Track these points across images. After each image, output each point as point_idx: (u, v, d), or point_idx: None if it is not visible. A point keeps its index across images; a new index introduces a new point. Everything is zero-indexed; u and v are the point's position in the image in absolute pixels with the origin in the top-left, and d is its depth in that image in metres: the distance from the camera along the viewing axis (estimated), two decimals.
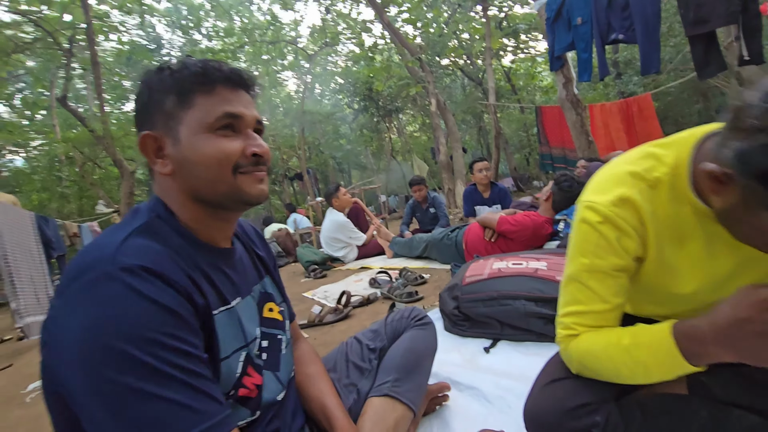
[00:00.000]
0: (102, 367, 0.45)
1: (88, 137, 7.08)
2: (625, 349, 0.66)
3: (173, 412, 0.46)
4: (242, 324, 0.66)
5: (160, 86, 0.61)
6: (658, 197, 0.68)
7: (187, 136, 0.60)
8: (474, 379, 1.26)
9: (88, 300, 0.47)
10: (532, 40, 12.32)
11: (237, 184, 0.62)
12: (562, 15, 4.10)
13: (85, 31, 6.51)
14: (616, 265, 0.70)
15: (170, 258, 0.55)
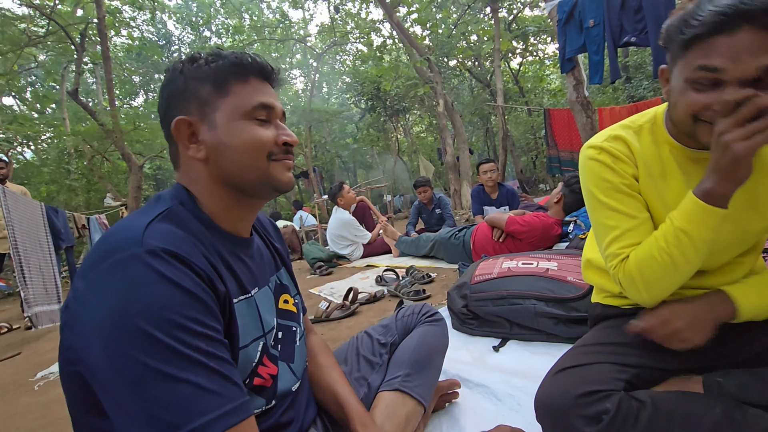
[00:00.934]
0: (126, 348, 0.46)
1: (98, 131, 7.14)
2: (665, 232, 0.74)
3: (194, 395, 0.46)
4: (260, 313, 0.67)
5: (195, 74, 0.63)
6: (643, 139, 0.84)
7: (224, 121, 0.62)
8: (483, 377, 1.26)
9: (114, 281, 0.48)
10: (541, 42, 12.27)
11: (269, 171, 0.64)
12: (574, 17, 4.07)
13: (96, 26, 6.56)
14: (624, 182, 0.82)
15: (193, 244, 0.56)
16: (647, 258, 0.76)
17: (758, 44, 0.61)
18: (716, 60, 0.64)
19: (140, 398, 0.45)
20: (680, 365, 0.83)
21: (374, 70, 10.23)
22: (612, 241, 0.82)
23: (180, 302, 0.49)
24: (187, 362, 0.47)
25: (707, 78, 0.66)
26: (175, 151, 0.66)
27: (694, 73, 0.67)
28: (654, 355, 0.83)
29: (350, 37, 12.17)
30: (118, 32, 9.80)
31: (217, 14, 15.86)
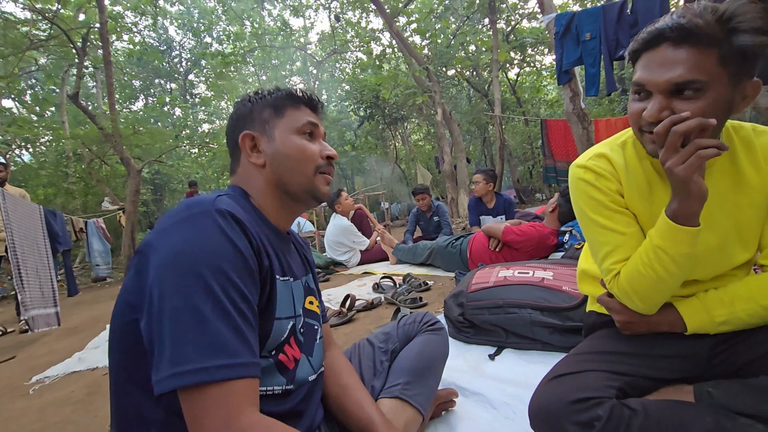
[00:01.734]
0: (178, 280, 0.54)
1: (97, 134, 7.14)
2: (647, 248, 0.78)
3: (214, 338, 0.52)
4: (293, 299, 0.73)
5: (259, 102, 0.79)
6: (627, 153, 0.88)
7: (280, 136, 0.76)
8: (479, 386, 1.27)
9: (185, 228, 0.57)
10: (539, 54, 12.43)
11: (314, 180, 0.77)
12: (571, 30, 4.15)
13: (98, 31, 6.61)
14: (609, 199, 0.86)
15: (250, 221, 0.65)
16: (634, 273, 0.80)
17: (671, 59, 0.69)
18: (639, 74, 0.74)
19: (173, 326, 0.52)
20: (672, 375, 0.85)
21: (373, 78, 10.31)
22: (605, 257, 0.86)
23: (233, 258, 0.57)
24: (220, 309, 0.54)
25: (639, 90, 0.75)
26: (236, 161, 0.79)
27: (633, 87, 0.77)
28: (646, 364, 0.85)
29: (350, 46, 12.29)
30: (119, 37, 9.85)
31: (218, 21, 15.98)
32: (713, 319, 0.81)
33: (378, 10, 8.06)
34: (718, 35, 0.67)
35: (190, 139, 11.18)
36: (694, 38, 0.67)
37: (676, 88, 0.70)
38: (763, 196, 0.81)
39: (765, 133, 0.82)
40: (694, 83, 0.68)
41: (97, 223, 6.42)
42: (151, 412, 0.59)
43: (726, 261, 0.84)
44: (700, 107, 0.69)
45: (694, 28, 0.67)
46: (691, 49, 0.68)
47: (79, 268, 7.77)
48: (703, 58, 0.68)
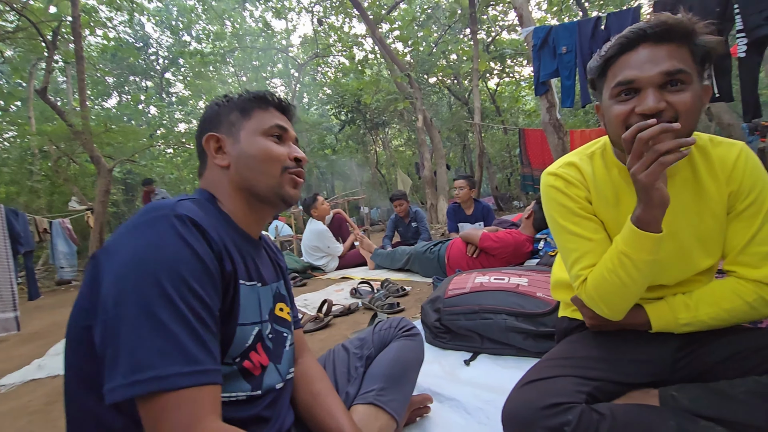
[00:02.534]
0: (134, 286, 0.52)
1: (66, 131, 6.85)
2: (612, 255, 0.81)
3: (172, 346, 0.51)
4: (260, 304, 0.72)
5: (227, 105, 0.78)
6: (595, 163, 0.91)
7: (246, 136, 0.75)
8: (454, 391, 1.27)
9: (142, 233, 0.56)
10: (518, 65, 12.75)
11: (281, 181, 0.76)
12: (548, 43, 4.27)
13: (71, 25, 6.37)
14: (578, 206, 0.89)
15: (211, 224, 0.64)
16: (600, 279, 0.83)
17: (655, 55, 0.74)
18: (627, 73, 0.76)
19: (129, 333, 0.50)
20: (639, 379, 0.88)
21: (355, 83, 10.33)
22: (573, 263, 0.89)
23: (191, 263, 0.56)
24: (179, 316, 0.52)
25: (625, 90, 0.77)
26: (203, 163, 0.78)
27: (615, 90, 0.78)
28: (615, 369, 0.87)
29: (332, 50, 12.27)
30: (93, 32, 9.53)
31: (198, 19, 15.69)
32: (678, 321, 0.85)
33: (361, 15, 8.09)
34: (689, 33, 0.74)
35: (166, 138, 10.84)
36: (672, 35, 0.74)
37: (668, 79, 0.73)
38: (722, 206, 0.84)
39: (721, 145, 0.86)
40: (683, 73, 0.73)
41: (63, 223, 6.15)
42: (109, 420, 0.57)
43: (689, 267, 0.87)
44: (688, 98, 0.73)
45: (674, 25, 0.73)
46: (671, 45, 0.74)
47: (42, 270, 7.40)
48: (682, 52, 0.74)
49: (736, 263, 0.84)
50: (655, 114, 0.72)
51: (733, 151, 0.84)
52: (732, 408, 0.74)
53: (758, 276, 0.80)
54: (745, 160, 0.83)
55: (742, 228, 0.82)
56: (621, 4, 10.19)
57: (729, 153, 0.84)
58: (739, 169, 0.82)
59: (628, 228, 0.78)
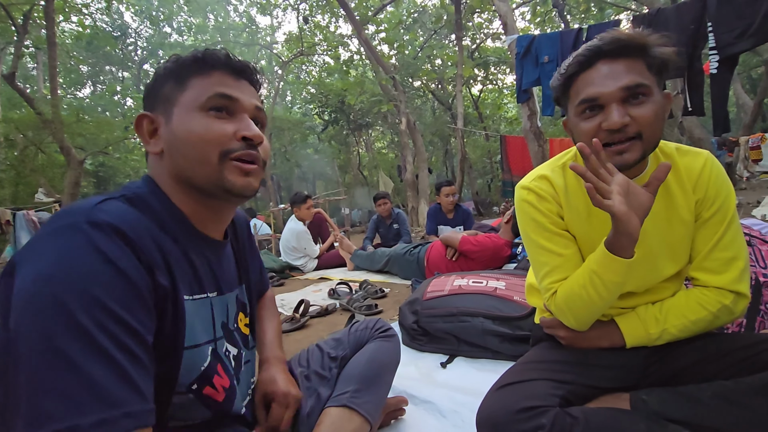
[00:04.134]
0: (37, 316, 0.42)
1: (34, 120, 6.58)
2: (583, 272, 0.83)
3: (84, 390, 0.41)
4: (214, 318, 0.64)
5: (163, 73, 0.63)
6: (567, 174, 0.91)
7: (179, 114, 0.60)
8: (430, 394, 1.27)
9: (48, 248, 0.46)
10: (501, 72, 12.99)
11: (221, 170, 0.60)
12: (531, 52, 4.35)
13: (43, 9, 6.11)
14: (549, 221, 0.90)
15: (146, 229, 0.53)
16: (570, 293, 0.85)
17: (614, 70, 0.76)
18: (589, 90, 0.77)
19: (29, 375, 0.40)
20: (611, 383, 0.89)
21: (340, 83, 10.29)
22: (544, 277, 0.91)
23: (110, 280, 0.46)
24: (94, 350, 0.42)
25: (590, 107, 0.78)
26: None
27: (579, 108, 0.80)
28: (588, 373, 0.88)
29: (317, 49, 12.20)
30: (67, 18, 9.18)
31: (180, 11, 15.33)
32: (650, 336, 0.87)
33: (347, 16, 8.08)
34: (643, 48, 0.76)
35: None
36: (627, 50, 0.76)
37: (629, 93, 0.75)
38: (689, 213, 0.86)
39: (687, 154, 0.88)
40: (642, 86, 0.75)
41: (28, 215, 5.88)
42: None
43: (658, 274, 0.89)
44: (650, 111, 0.75)
45: (627, 41, 0.75)
46: (626, 60, 0.76)
47: (3, 264, 7.06)
48: (638, 65, 0.76)
49: (701, 269, 0.86)
50: (620, 129, 0.75)
51: (699, 160, 0.86)
52: (699, 411, 0.75)
53: (720, 283, 0.83)
54: (710, 169, 0.85)
55: (707, 234, 0.85)
56: (602, 18, 10.53)
57: (695, 162, 0.86)
58: (704, 178, 0.84)
59: (600, 250, 0.79)
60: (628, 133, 0.75)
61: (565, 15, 10.31)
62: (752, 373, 0.76)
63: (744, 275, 0.83)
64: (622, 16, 10.50)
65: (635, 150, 0.76)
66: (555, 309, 0.90)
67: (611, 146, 0.77)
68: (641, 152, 0.76)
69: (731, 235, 0.83)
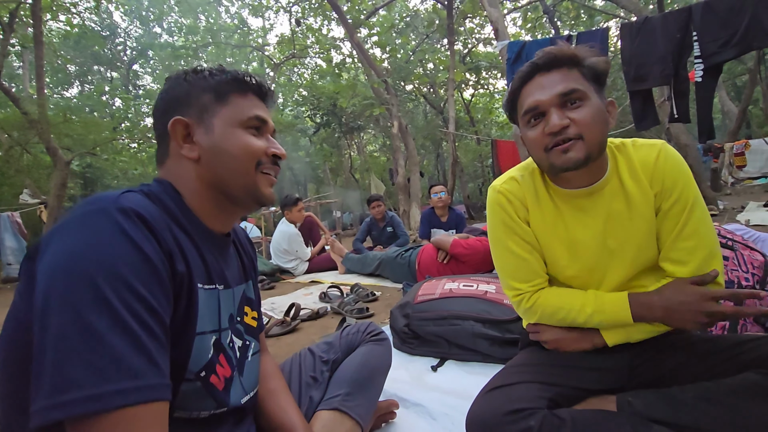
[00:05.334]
0: (67, 290, 0.45)
1: (20, 119, 6.45)
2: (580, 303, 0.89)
3: (110, 360, 0.44)
4: (220, 309, 0.66)
5: (199, 83, 0.68)
6: (536, 180, 0.95)
7: (221, 127, 0.67)
8: (420, 397, 1.27)
9: (79, 229, 0.49)
10: (492, 77, 13.10)
11: (256, 180, 0.69)
12: (522, 57, 4.40)
13: (30, 8, 6.02)
14: (516, 224, 0.94)
15: (164, 220, 0.57)
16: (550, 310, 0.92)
17: (549, 81, 0.83)
18: (529, 100, 0.84)
19: (58, 345, 0.43)
20: (598, 386, 0.91)
21: (332, 86, 10.29)
22: (506, 276, 0.97)
23: (136, 263, 0.49)
24: (119, 324, 0.45)
25: (534, 115, 0.85)
26: (164, 149, 0.68)
27: (525, 118, 0.87)
28: (575, 376, 0.90)
29: (310, 52, 12.19)
30: (55, 17, 9.06)
31: (170, 11, 15.22)
32: (628, 332, 0.88)
33: (340, 19, 8.09)
34: (575, 59, 0.83)
35: (130, 132, 10.36)
36: (559, 62, 0.83)
37: (565, 99, 0.81)
38: (649, 208, 0.86)
39: (641, 147, 0.88)
40: (576, 92, 0.81)
41: (12, 217, 5.77)
42: None
43: (628, 272, 0.90)
44: (588, 112, 0.80)
45: (558, 54, 0.83)
46: (560, 71, 0.83)
47: None
48: (571, 74, 0.83)
49: (667, 260, 0.87)
50: (560, 131, 0.80)
51: (652, 152, 0.86)
52: (683, 412, 0.77)
53: (685, 273, 0.84)
54: (664, 159, 0.85)
55: (669, 226, 0.85)
56: (591, 24, 10.70)
57: (649, 155, 0.86)
58: (659, 170, 0.85)
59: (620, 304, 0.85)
60: (569, 135, 0.80)
61: (556, 21, 10.46)
62: (734, 374, 0.78)
63: (709, 262, 0.83)
64: (611, 23, 10.70)
65: (578, 149, 0.80)
66: (522, 311, 0.97)
67: (556, 147, 0.82)
68: (585, 151, 0.79)
69: (693, 224, 0.83)
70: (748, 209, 5.23)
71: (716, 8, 3.29)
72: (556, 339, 0.94)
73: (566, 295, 0.92)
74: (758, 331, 1.29)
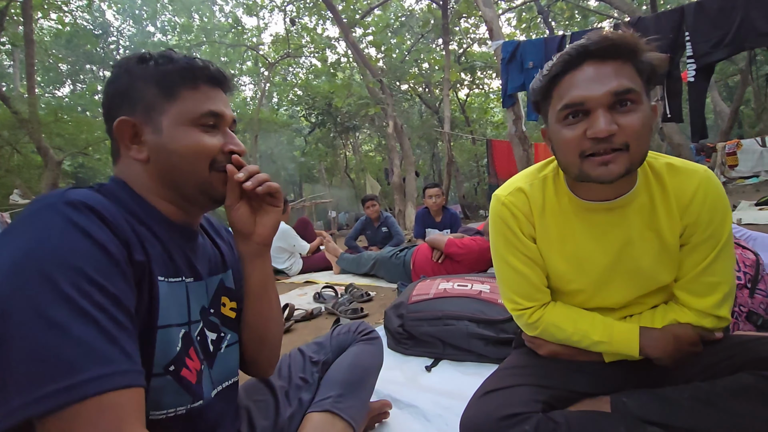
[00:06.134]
0: (22, 288, 0.44)
1: (10, 119, 6.38)
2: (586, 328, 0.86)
3: (78, 350, 0.43)
4: (189, 302, 0.64)
5: (142, 75, 0.62)
6: (547, 189, 0.87)
7: (169, 126, 0.62)
8: (414, 398, 1.26)
9: (27, 227, 0.48)
10: (487, 77, 13.13)
11: (210, 180, 0.65)
12: (516, 57, 4.41)
13: (21, 6, 5.95)
14: (520, 241, 0.88)
15: (118, 212, 0.55)
16: (554, 329, 0.89)
17: (601, 73, 0.70)
18: (574, 93, 0.71)
19: (23, 344, 0.42)
20: (593, 389, 0.90)
21: (327, 85, 10.27)
22: (507, 289, 0.94)
23: (89, 252, 0.48)
24: (81, 315, 0.44)
25: (574, 112, 0.72)
26: (115, 148, 0.65)
27: (562, 113, 0.73)
28: (570, 379, 0.89)
29: (304, 51, 12.15)
30: (46, 15, 8.96)
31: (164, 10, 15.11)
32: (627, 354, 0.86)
33: (335, 18, 8.07)
34: (633, 50, 0.70)
35: None
36: (616, 52, 0.70)
37: (617, 99, 0.69)
38: (673, 237, 0.81)
39: (679, 175, 0.80)
40: (632, 92, 0.69)
41: (2, 217, 5.70)
42: None
43: (635, 290, 0.87)
44: (639, 120, 0.69)
45: (617, 41, 0.69)
46: (615, 62, 0.70)
47: None
48: (627, 69, 0.70)
49: (685, 290, 0.84)
50: (606, 138, 0.69)
51: (691, 183, 0.78)
52: (677, 413, 0.76)
53: (701, 306, 0.81)
54: (704, 193, 0.77)
55: (697, 259, 0.81)
56: (585, 25, 10.75)
57: (687, 185, 0.78)
58: (697, 203, 0.78)
59: (629, 337, 0.83)
60: (615, 144, 0.69)
61: (550, 22, 10.50)
62: (728, 375, 0.77)
63: (727, 300, 0.81)
64: (605, 24, 10.75)
65: (621, 162, 0.70)
66: (523, 324, 0.94)
67: (595, 156, 0.71)
68: (628, 165, 0.70)
69: (722, 260, 0.79)
70: (740, 208, 5.27)
71: (708, 9, 3.32)
72: (554, 352, 0.92)
73: (572, 318, 0.88)
74: (750, 330, 1.29)
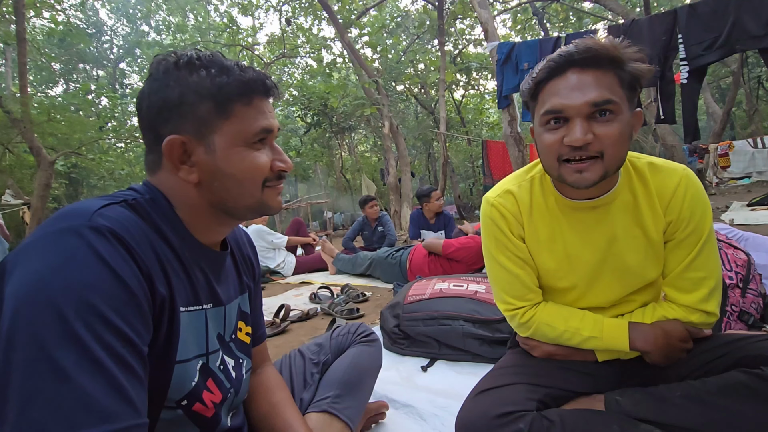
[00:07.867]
0: (30, 321, 0.41)
1: (2, 118, 6.31)
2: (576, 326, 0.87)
3: (76, 401, 0.40)
4: (208, 330, 0.62)
5: (196, 89, 0.57)
6: (534, 189, 0.90)
7: (223, 147, 0.59)
8: (410, 397, 1.27)
9: (46, 250, 0.44)
10: (482, 78, 13.17)
11: (263, 198, 0.63)
12: (511, 59, 4.44)
13: (13, 4, 5.89)
14: (510, 241, 0.90)
15: (146, 236, 0.53)
16: (546, 328, 0.90)
17: (583, 82, 0.72)
18: (554, 101, 0.74)
19: (22, 385, 0.39)
20: (587, 388, 0.91)
21: (323, 86, 10.24)
22: (500, 291, 0.95)
23: (110, 290, 0.44)
24: (89, 361, 0.41)
25: (555, 118, 0.75)
26: (156, 159, 0.60)
27: (544, 118, 0.76)
28: (564, 378, 0.90)
29: (300, 51, 12.12)
30: (39, 13, 8.86)
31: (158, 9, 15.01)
32: (619, 352, 0.89)
33: (330, 19, 8.06)
34: (616, 59, 0.72)
35: (117, 132, 10.20)
36: (599, 61, 0.71)
37: (595, 109, 0.71)
38: (657, 233, 0.83)
39: (660, 172, 0.83)
40: (610, 103, 0.71)
41: None
42: None
43: (624, 289, 0.89)
44: (616, 130, 0.72)
45: (600, 51, 0.71)
46: (597, 72, 0.72)
47: None
48: (609, 79, 0.72)
49: (672, 286, 0.87)
50: (582, 146, 0.72)
51: (672, 179, 0.81)
52: (669, 411, 0.77)
53: (688, 301, 0.84)
54: (685, 189, 0.80)
55: (681, 255, 0.83)
56: (580, 27, 10.82)
57: (668, 182, 0.82)
58: (678, 199, 0.81)
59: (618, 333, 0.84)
60: (590, 152, 0.72)
61: (545, 23, 10.56)
62: (719, 373, 0.78)
63: (714, 294, 0.83)
64: (599, 26, 10.83)
65: (595, 170, 0.73)
66: (516, 325, 0.95)
67: (570, 163, 0.75)
68: (602, 173, 0.73)
69: (705, 255, 0.82)
70: (732, 209, 5.34)
71: (701, 12, 3.36)
72: (548, 353, 0.93)
73: (563, 315, 0.90)
74: (741, 329, 1.31)
